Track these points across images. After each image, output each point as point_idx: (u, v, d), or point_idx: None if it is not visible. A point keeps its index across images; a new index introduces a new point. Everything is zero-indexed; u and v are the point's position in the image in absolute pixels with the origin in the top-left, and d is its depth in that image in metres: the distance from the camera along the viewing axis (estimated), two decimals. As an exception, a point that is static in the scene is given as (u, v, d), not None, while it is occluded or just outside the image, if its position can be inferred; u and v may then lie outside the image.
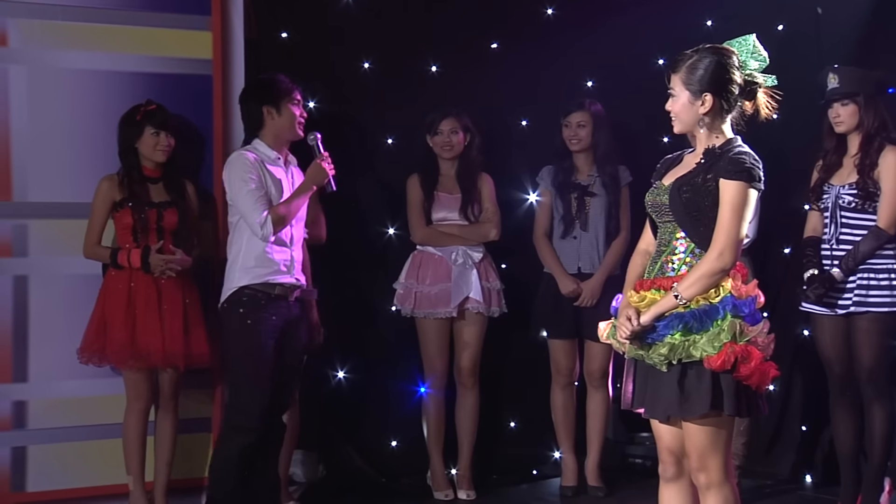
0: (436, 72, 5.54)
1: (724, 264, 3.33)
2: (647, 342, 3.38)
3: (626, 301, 3.46)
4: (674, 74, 3.45)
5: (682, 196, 3.39)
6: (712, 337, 3.29)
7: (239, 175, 4.46)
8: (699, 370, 3.33)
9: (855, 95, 4.62)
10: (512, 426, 5.71)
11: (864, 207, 4.61)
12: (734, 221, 3.33)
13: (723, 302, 3.33)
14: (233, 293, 4.47)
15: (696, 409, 3.33)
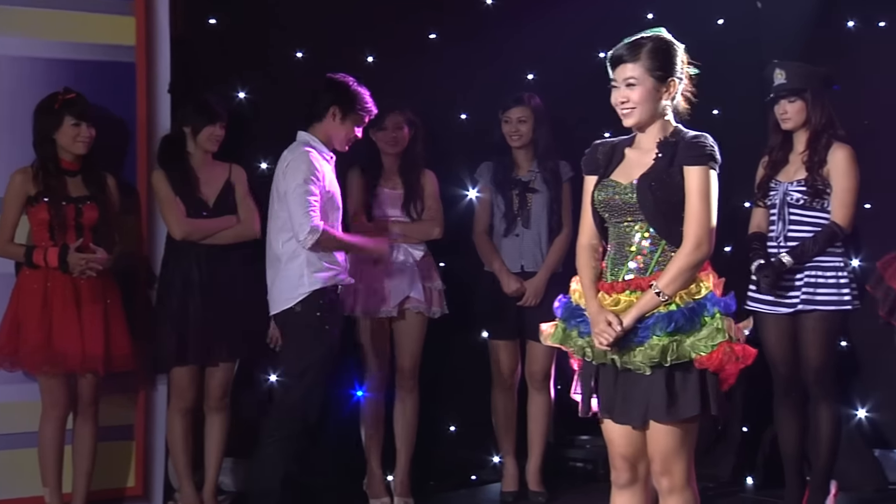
0: (372, 63, 5.39)
1: (702, 255, 3.24)
2: (627, 346, 3.24)
3: (598, 306, 3.30)
4: (631, 63, 3.31)
5: (652, 194, 3.26)
6: (707, 336, 3.18)
7: (301, 172, 4.38)
8: (685, 371, 3.21)
9: (802, 92, 4.56)
10: (451, 430, 5.57)
11: (813, 205, 4.55)
12: (705, 208, 3.23)
13: (707, 298, 3.23)
14: (309, 296, 4.40)
15: (685, 412, 3.22)
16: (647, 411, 3.24)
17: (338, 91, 4.55)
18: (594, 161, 3.43)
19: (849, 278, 4.52)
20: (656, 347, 3.18)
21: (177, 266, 4.78)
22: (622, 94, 3.32)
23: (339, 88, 4.56)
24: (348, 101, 4.54)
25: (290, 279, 4.43)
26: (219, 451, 4.89)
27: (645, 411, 3.25)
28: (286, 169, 4.44)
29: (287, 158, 4.49)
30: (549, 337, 3.44)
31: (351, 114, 4.55)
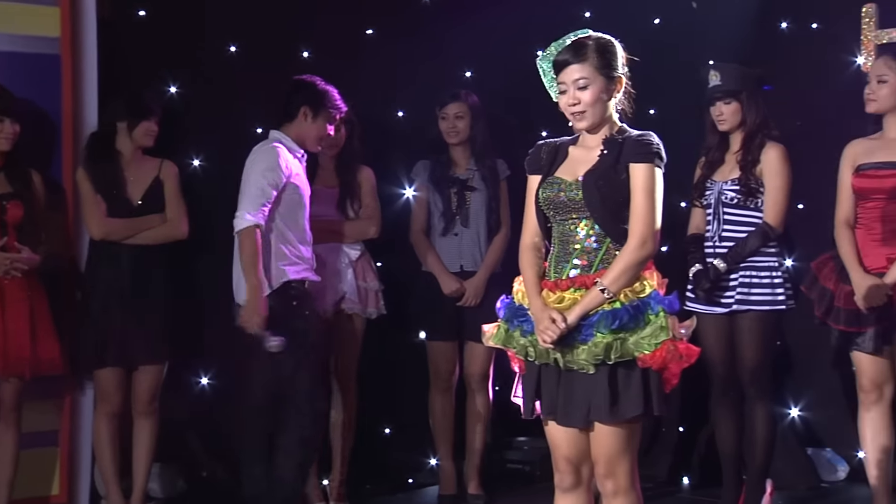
0: (307, 58, 5.29)
1: (647, 253, 3.21)
2: (571, 344, 3.19)
3: (541, 303, 3.25)
4: (578, 64, 3.26)
5: (598, 191, 3.23)
6: (651, 334, 3.15)
7: (264, 162, 4.41)
8: (628, 370, 3.17)
9: (737, 93, 4.58)
10: (387, 432, 5.50)
11: (747, 204, 4.56)
12: (650, 206, 3.21)
13: (651, 297, 3.20)
14: (280, 287, 4.42)
15: (628, 412, 3.18)
16: (590, 412, 3.21)
17: (307, 91, 4.56)
18: (538, 160, 3.39)
19: (783, 278, 4.54)
20: (600, 345, 3.15)
21: (100, 266, 4.66)
22: (573, 96, 3.27)
23: (308, 88, 4.56)
24: (318, 100, 4.54)
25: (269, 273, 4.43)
26: (147, 457, 4.76)
27: (587, 412, 3.21)
28: (251, 159, 4.46)
29: (254, 153, 4.50)
30: (492, 338, 3.39)
31: (322, 112, 4.55)
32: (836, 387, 5.22)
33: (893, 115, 4.32)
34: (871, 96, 4.33)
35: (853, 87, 5.03)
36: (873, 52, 5.07)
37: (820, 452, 5.36)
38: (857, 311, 4.23)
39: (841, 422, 5.20)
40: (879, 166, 4.30)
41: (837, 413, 5.25)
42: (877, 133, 4.41)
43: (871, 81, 4.34)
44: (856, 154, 4.40)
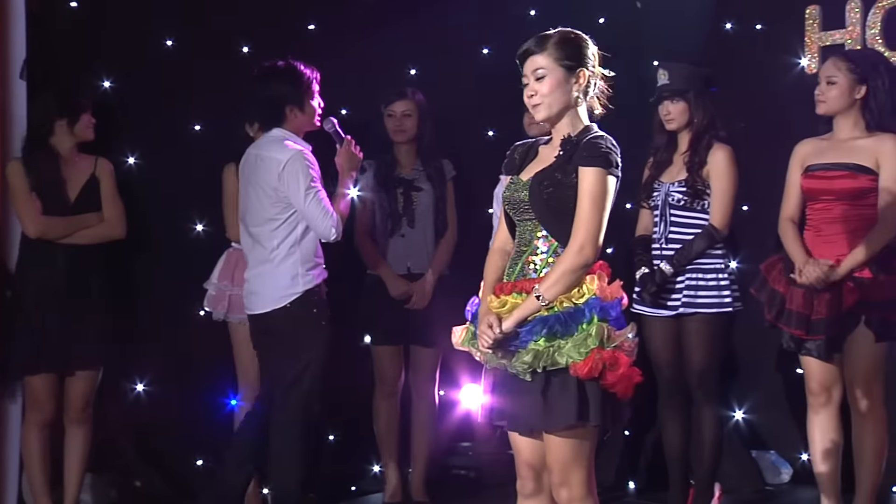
0: (247, 53, 5.15)
1: (585, 259, 3.13)
2: (510, 350, 3.14)
3: (486, 307, 3.21)
4: (538, 55, 3.21)
5: (543, 192, 3.17)
6: (578, 342, 3.08)
7: (306, 175, 4.29)
8: (564, 378, 3.11)
9: (685, 92, 4.54)
10: (330, 439, 5.37)
11: (693, 205, 4.53)
12: (594, 212, 3.13)
13: (588, 304, 3.13)
14: (304, 294, 4.33)
15: (561, 421, 3.11)
16: (529, 419, 3.16)
17: (281, 90, 4.40)
18: (511, 161, 3.34)
19: (729, 280, 4.51)
20: (530, 353, 3.10)
21: (33, 266, 4.50)
22: (531, 87, 3.21)
23: (281, 87, 4.40)
24: (295, 91, 4.40)
25: (284, 278, 4.34)
26: (80, 467, 4.61)
27: (527, 419, 3.17)
28: (283, 172, 4.31)
29: (279, 160, 4.33)
30: (460, 340, 3.32)
31: (305, 99, 4.42)
32: (780, 389, 5.23)
33: (843, 116, 4.30)
34: (821, 98, 4.32)
35: (797, 88, 5.07)
36: (817, 54, 5.08)
37: (764, 455, 5.36)
38: (809, 315, 4.21)
39: (785, 424, 5.22)
40: (829, 167, 4.29)
41: (781, 415, 5.25)
42: (827, 134, 4.40)
43: (821, 83, 4.33)
44: (806, 154, 4.39)
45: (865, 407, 4.24)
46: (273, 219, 4.34)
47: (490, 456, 5.42)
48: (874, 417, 4.26)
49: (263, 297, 4.37)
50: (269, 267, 4.35)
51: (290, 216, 4.33)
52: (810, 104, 4.93)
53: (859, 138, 4.26)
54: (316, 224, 4.32)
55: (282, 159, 4.32)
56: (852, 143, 4.27)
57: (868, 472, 4.28)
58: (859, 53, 4.53)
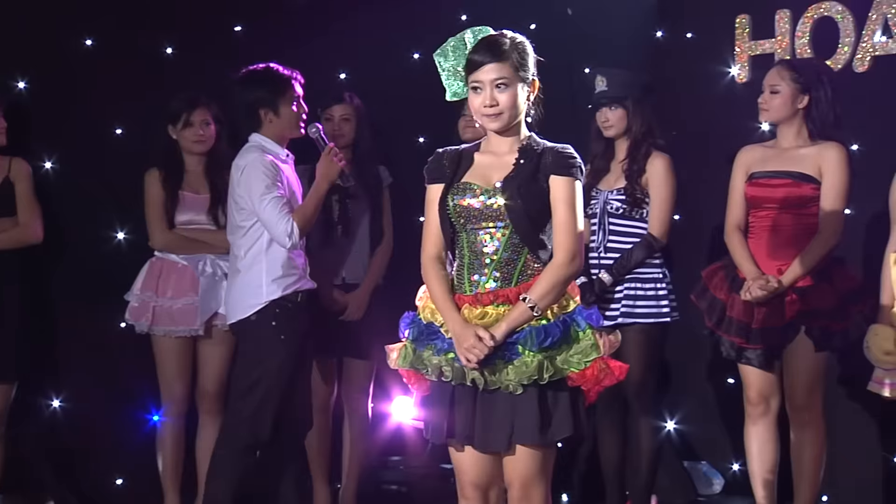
0: (171, 54, 5.01)
1: (576, 269, 3.10)
2: (494, 362, 3.03)
3: (462, 320, 3.07)
4: (498, 63, 3.10)
5: (521, 198, 3.08)
6: (582, 351, 3.02)
7: (260, 180, 4.19)
8: (557, 390, 3.04)
9: (623, 99, 4.51)
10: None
11: (632, 214, 4.50)
12: (575, 221, 3.10)
13: (577, 312, 3.08)
14: (266, 305, 4.20)
15: (559, 433, 3.06)
16: (514, 434, 3.06)
17: (256, 95, 4.30)
18: (439, 168, 3.22)
19: (667, 290, 4.48)
20: (532, 364, 3.01)
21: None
22: (489, 96, 3.10)
23: (256, 92, 4.31)
24: (269, 95, 4.29)
25: (248, 287, 4.24)
26: (-9, 487, 4.39)
27: (510, 434, 3.06)
28: (241, 177, 4.24)
29: (240, 165, 4.28)
30: (398, 360, 3.19)
31: (280, 100, 4.30)
32: (711, 399, 5.23)
33: (787, 124, 4.30)
34: (764, 106, 4.32)
35: (727, 97, 5.08)
36: (747, 63, 5.09)
37: (696, 465, 5.34)
38: (749, 324, 4.20)
39: (716, 434, 5.22)
40: (771, 175, 4.28)
41: (712, 426, 5.25)
42: (770, 142, 4.40)
43: (765, 91, 4.32)
44: (749, 161, 4.38)
45: (805, 417, 4.24)
46: (239, 226, 4.28)
47: (421, 470, 5.32)
48: (814, 428, 4.26)
49: (231, 308, 4.30)
50: (238, 276, 4.29)
51: (255, 224, 4.25)
52: (740, 113, 4.98)
53: (803, 147, 4.27)
54: (270, 230, 4.22)
55: (241, 165, 4.25)
56: (795, 151, 4.27)
57: (807, 482, 4.28)
58: (803, 63, 4.53)
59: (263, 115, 4.30)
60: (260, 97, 4.29)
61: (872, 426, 4.74)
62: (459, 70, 3.17)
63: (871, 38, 4.70)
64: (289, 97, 4.31)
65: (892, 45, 4.66)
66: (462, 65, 3.15)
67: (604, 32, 5.45)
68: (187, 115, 4.61)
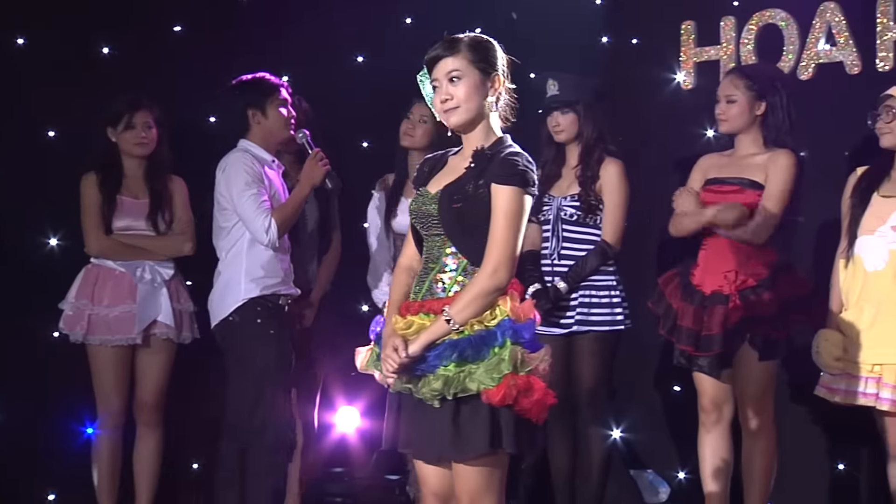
0: (108, 54, 4.91)
1: (499, 282, 2.97)
2: (417, 374, 2.97)
3: (391, 328, 3.02)
4: (451, 57, 3.05)
5: (452, 206, 3.01)
6: (491, 367, 2.92)
7: (240, 177, 4.22)
8: (475, 405, 2.95)
9: (575, 103, 4.47)
10: (195, 468, 5.11)
11: (586, 221, 4.46)
12: (509, 233, 2.98)
13: (500, 326, 2.97)
14: (243, 304, 4.19)
15: (472, 450, 2.96)
16: (438, 447, 3.01)
17: (244, 98, 4.36)
18: (420, 173, 3.18)
19: (621, 297, 4.46)
20: (440, 379, 2.94)
21: None
22: (445, 91, 3.04)
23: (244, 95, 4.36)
24: (257, 96, 4.34)
25: (228, 287, 4.25)
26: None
27: (437, 447, 3.01)
28: (222, 176, 4.28)
29: (222, 166, 4.33)
30: (364, 362, 3.14)
31: (266, 103, 4.34)
32: (657, 408, 5.21)
33: (744, 133, 4.29)
34: (723, 116, 4.30)
35: (673, 103, 5.07)
36: (693, 69, 5.09)
37: (642, 474, 5.31)
38: (699, 332, 4.18)
39: (662, 442, 5.19)
40: (723, 182, 4.27)
41: (659, 434, 5.23)
42: (729, 150, 4.39)
43: (721, 102, 4.30)
44: (707, 168, 4.37)
45: (756, 425, 4.23)
46: (222, 227, 4.29)
47: (366, 481, 5.23)
48: (765, 436, 4.24)
49: (213, 311, 4.28)
50: (219, 279, 4.28)
51: (236, 224, 4.24)
52: (686, 119, 4.98)
53: (756, 154, 4.26)
54: (248, 225, 4.21)
55: (223, 165, 4.29)
56: (750, 159, 4.27)
57: (757, 490, 4.26)
58: (756, 69, 4.52)
59: (251, 117, 4.34)
60: (248, 100, 4.35)
61: (818, 433, 4.75)
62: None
63: (815, 46, 4.72)
64: (276, 100, 4.37)
65: (836, 53, 4.68)
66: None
67: (549, 37, 5.41)
68: (129, 117, 4.51)
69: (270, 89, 4.36)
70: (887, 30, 4.55)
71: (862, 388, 3.88)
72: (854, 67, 4.62)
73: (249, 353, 4.17)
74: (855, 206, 3.99)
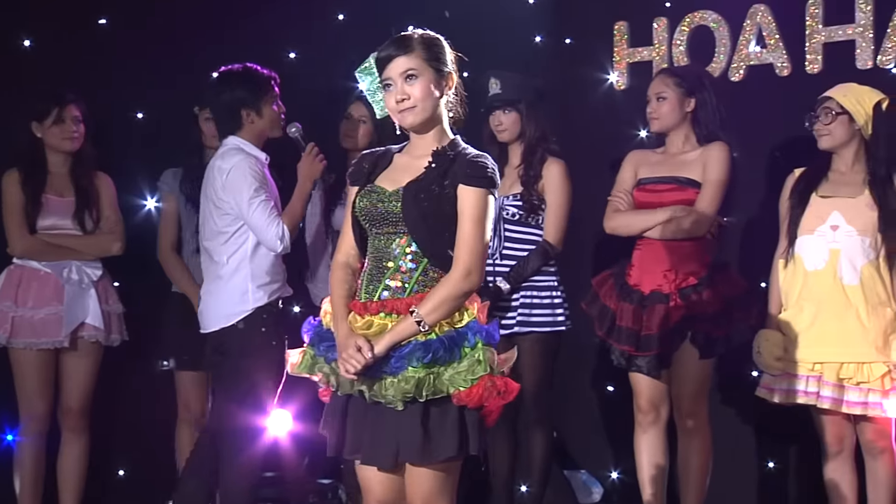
0: (29, 48, 4.76)
1: (472, 284, 2.95)
2: (376, 376, 2.90)
3: (348, 328, 2.94)
4: (405, 56, 3.00)
5: (419, 205, 2.95)
6: (465, 369, 2.88)
7: (248, 183, 4.05)
8: (444, 407, 2.91)
9: (517, 102, 4.44)
10: (121, 475, 4.99)
11: (528, 221, 4.43)
12: (479, 234, 2.96)
13: (469, 327, 2.94)
14: (253, 312, 4.07)
15: (442, 453, 2.91)
16: (399, 452, 2.93)
17: (236, 95, 4.15)
18: (359, 170, 3.10)
19: (562, 298, 4.43)
20: (411, 380, 2.88)
21: None
22: (401, 90, 2.98)
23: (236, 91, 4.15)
24: (251, 94, 4.16)
25: (233, 295, 4.10)
26: None
27: (396, 451, 2.93)
28: (227, 181, 4.08)
29: (223, 168, 4.10)
30: (297, 365, 3.06)
31: (262, 100, 4.17)
32: (591, 408, 5.21)
33: (676, 131, 4.30)
34: (654, 115, 4.30)
35: (606, 103, 5.07)
36: (626, 70, 5.09)
37: (575, 474, 5.31)
38: (639, 331, 4.18)
39: (595, 442, 5.19)
40: (658, 181, 4.28)
41: (592, 435, 5.23)
42: (660, 148, 4.39)
43: (651, 101, 4.31)
44: (638, 164, 4.37)
45: (691, 425, 4.24)
46: (222, 232, 4.12)
47: (298, 486, 5.13)
48: (700, 435, 4.26)
49: (213, 315, 4.15)
50: (220, 283, 4.13)
51: (239, 229, 4.10)
52: (619, 119, 4.98)
53: (689, 152, 4.28)
54: (260, 234, 4.09)
55: (225, 168, 4.10)
56: (683, 157, 4.28)
57: (693, 490, 4.28)
58: (683, 68, 4.57)
59: (245, 116, 4.16)
60: (240, 97, 4.15)
61: (748, 431, 4.78)
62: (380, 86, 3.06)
63: (746, 48, 4.75)
64: (270, 97, 4.21)
65: (766, 54, 4.72)
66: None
67: (482, 36, 5.37)
68: (59, 112, 4.37)
69: (264, 85, 4.18)
70: (816, 32, 4.60)
71: (803, 388, 3.92)
72: (784, 69, 4.67)
73: (251, 361, 4.07)
74: (794, 206, 4.03)
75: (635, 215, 4.26)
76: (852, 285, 3.91)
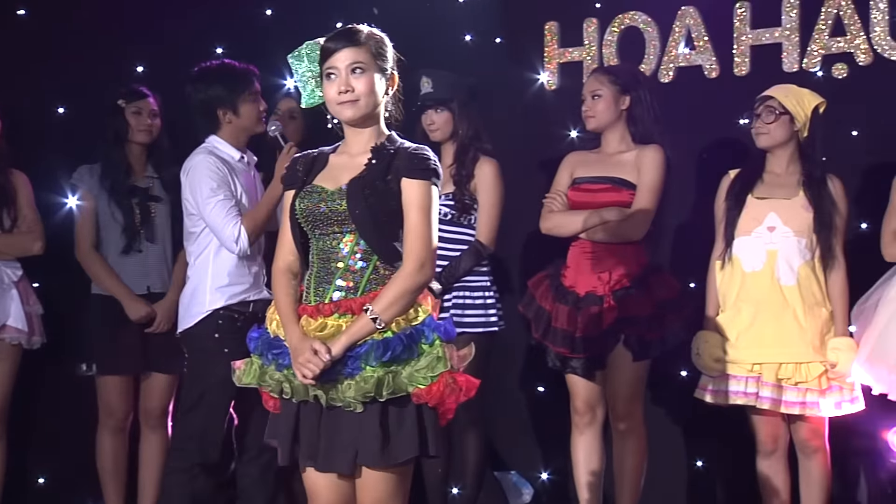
0: None
1: (425, 277, 2.91)
2: (333, 378, 2.83)
3: (301, 332, 2.87)
4: (354, 48, 2.94)
5: (366, 200, 2.88)
6: (426, 366, 2.83)
7: (205, 183, 3.96)
8: (401, 407, 2.85)
9: (449, 101, 4.39)
10: (41, 482, 4.83)
11: (461, 220, 4.37)
12: (427, 227, 2.92)
13: (426, 324, 2.89)
14: (206, 317, 3.97)
15: (402, 454, 2.85)
16: (357, 456, 2.86)
17: (212, 93, 4.06)
18: (293, 174, 3.02)
19: (495, 298, 4.39)
20: (370, 380, 2.81)
21: None
22: (345, 82, 2.91)
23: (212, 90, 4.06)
24: (228, 93, 4.06)
25: (194, 296, 4.04)
26: None
27: (354, 456, 2.86)
28: (187, 180, 4.04)
29: (185, 168, 4.07)
30: (243, 376, 2.98)
31: (238, 101, 4.07)
32: (521, 408, 5.18)
33: (611, 130, 4.29)
34: (589, 113, 4.28)
35: (537, 103, 5.05)
36: (556, 70, 5.09)
37: (506, 475, 5.28)
38: (573, 333, 4.16)
39: (525, 444, 5.17)
40: (593, 181, 4.26)
41: (522, 436, 5.21)
42: (596, 148, 4.38)
43: (586, 99, 4.29)
44: (574, 164, 4.35)
45: (627, 426, 4.23)
46: (190, 232, 4.07)
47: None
48: (635, 436, 4.25)
49: (179, 317, 4.10)
50: (187, 284, 4.09)
51: (204, 229, 4.02)
52: (550, 120, 4.96)
53: (625, 152, 4.27)
54: (217, 235, 3.99)
55: (187, 168, 4.03)
56: (618, 156, 4.27)
57: (628, 491, 4.27)
58: (618, 67, 4.57)
59: (222, 116, 4.07)
60: (216, 96, 4.05)
61: (677, 431, 4.81)
62: (316, 75, 2.98)
63: (676, 50, 4.78)
64: (248, 94, 4.09)
65: (695, 56, 4.75)
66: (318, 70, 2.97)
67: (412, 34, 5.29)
68: None
69: (242, 83, 4.07)
70: (743, 35, 4.65)
71: (742, 388, 3.93)
72: (713, 71, 4.70)
73: (202, 366, 3.95)
74: (730, 208, 4.04)
75: (570, 216, 4.24)
76: (789, 286, 3.94)
